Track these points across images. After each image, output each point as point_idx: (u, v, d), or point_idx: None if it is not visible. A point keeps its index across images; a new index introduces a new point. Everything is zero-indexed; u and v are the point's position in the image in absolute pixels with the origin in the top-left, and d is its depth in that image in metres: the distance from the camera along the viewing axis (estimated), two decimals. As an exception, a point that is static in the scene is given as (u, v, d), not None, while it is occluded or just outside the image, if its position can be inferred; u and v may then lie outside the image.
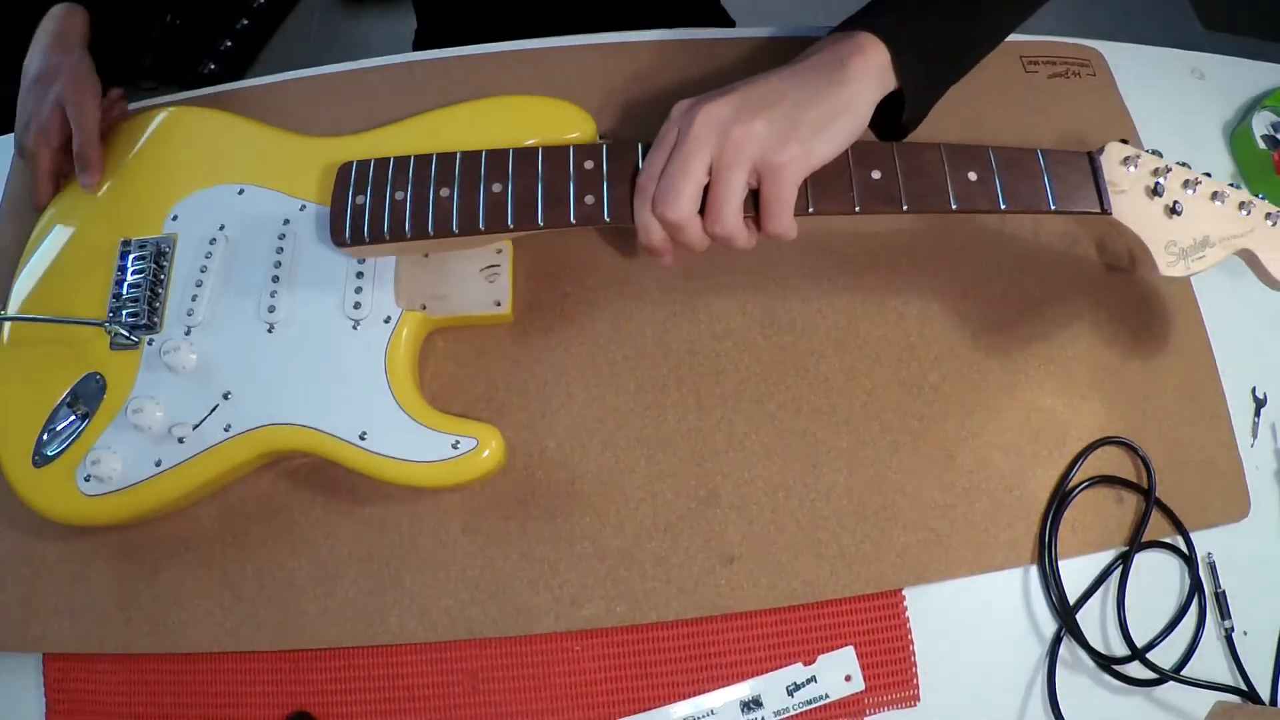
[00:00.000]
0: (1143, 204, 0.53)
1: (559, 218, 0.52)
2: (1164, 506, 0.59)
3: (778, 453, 0.59)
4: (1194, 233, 0.53)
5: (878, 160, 0.52)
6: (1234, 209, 0.53)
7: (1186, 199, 0.53)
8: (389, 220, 0.54)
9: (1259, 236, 0.53)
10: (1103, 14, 1.85)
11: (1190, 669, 0.56)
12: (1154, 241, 0.53)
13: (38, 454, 0.56)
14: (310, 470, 0.58)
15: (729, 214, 0.50)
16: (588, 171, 0.53)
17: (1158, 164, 0.54)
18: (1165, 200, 0.53)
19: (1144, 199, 0.53)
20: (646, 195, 0.51)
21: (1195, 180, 0.53)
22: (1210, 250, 0.53)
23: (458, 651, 0.56)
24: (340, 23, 1.89)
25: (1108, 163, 0.53)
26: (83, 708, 0.55)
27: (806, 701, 0.55)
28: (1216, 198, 0.53)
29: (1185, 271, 0.53)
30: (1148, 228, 0.53)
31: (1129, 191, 0.53)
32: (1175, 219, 0.53)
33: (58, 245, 0.62)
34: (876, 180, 0.51)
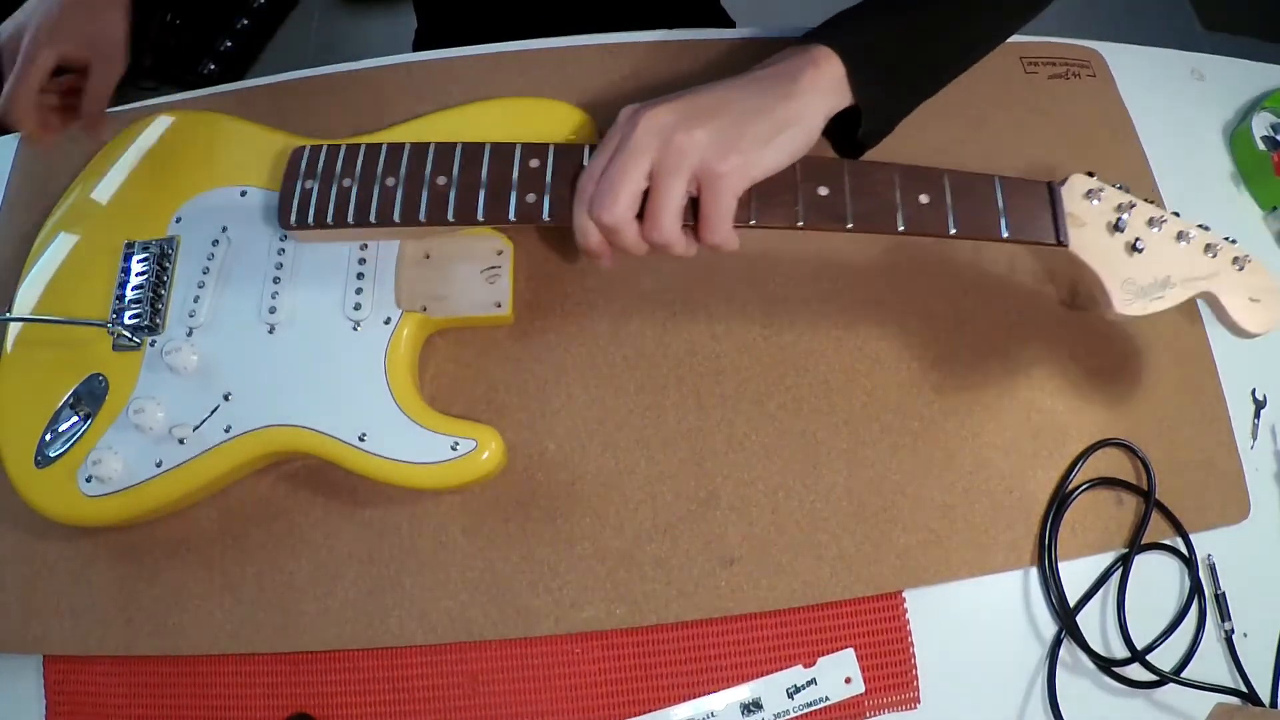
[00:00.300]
0: (1102, 239, 0.52)
1: (499, 213, 0.52)
2: (1164, 508, 0.59)
3: (778, 454, 0.59)
4: (1155, 272, 0.51)
5: (827, 177, 0.51)
6: (1199, 251, 0.52)
7: (1149, 236, 0.51)
8: (334, 206, 0.55)
9: (1223, 281, 0.51)
10: (1103, 14, 1.85)
11: (1190, 671, 0.56)
12: (1110, 278, 0.51)
13: (40, 454, 0.56)
14: (310, 472, 0.59)
15: (666, 221, 0.49)
16: (532, 170, 0.52)
17: (1122, 199, 0.52)
18: (1126, 236, 0.51)
19: (1104, 234, 0.52)
20: (585, 196, 0.50)
21: (1161, 219, 0.52)
22: (1170, 291, 0.51)
23: (458, 653, 0.56)
24: (340, 23, 1.89)
25: (1069, 194, 0.52)
26: (83, 709, 0.55)
27: (807, 704, 0.55)
28: (1182, 238, 0.51)
29: (1141, 311, 0.51)
30: (1105, 263, 0.51)
31: (1089, 225, 0.52)
32: (1136, 256, 0.51)
33: (63, 247, 0.62)
34: (823, 196, 0.50)
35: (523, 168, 0.52)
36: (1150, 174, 0.69)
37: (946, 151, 0.68)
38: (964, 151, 0.69)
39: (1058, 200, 0.52)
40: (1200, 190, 0.70)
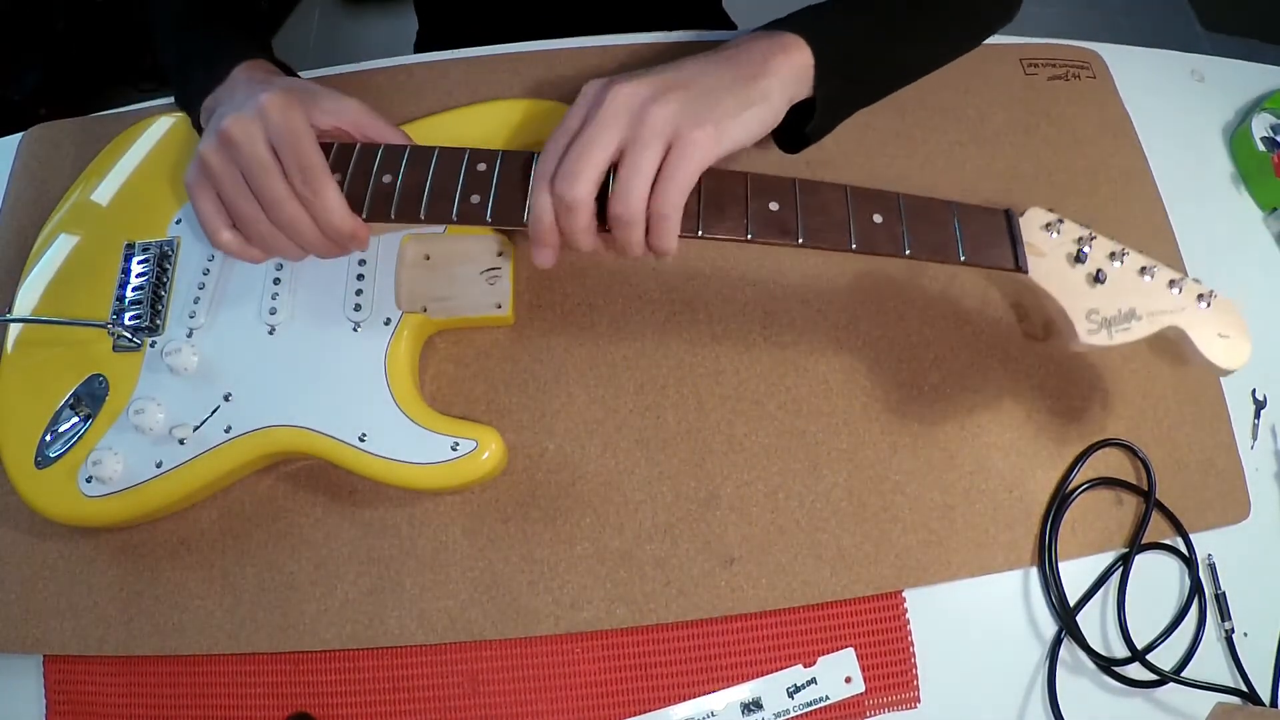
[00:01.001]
0: (1064, 269, 0.51)
1: (441, 213, 0.51)
2: (1164, 508, 0.59)
3: (778, 454, 0.59)
4: (1119, 303, 0.51)
5: (778, 193, 0.50)
6: (1163, 286, 0.51)
7: (1111, 269, 0.51)
8: None
9: (1189, 316, 0.51)
10: (1103, 15, 1.85)
11: (1190, 670, 0.56)
12: (1074, 308, 0.50)
13: (40, 455, 0.56)
14: (311, 472, 0.59)
15: (635, 193, 0.47)
16: (479, 173, 0.51)
17: (1082, 233, 0.52)
18: (1088, 268, 0.51)
19: (1065, 264, 0.51)
20: (546, 173, 0.48)
21: (1122, 252, 0.51)
22: (1136, 324, 0.50)
23: (458, 653, 0.56)
24: (341, 24, 1.89)
25: (1027, 225, 0.52)
26: (83, 709, 0.55)
27: (807, 703, 0.55)
28: (1145, 273, 0.51)
29: (1107, 341, 0.50)
30: (1068, 294, 0.51)
31: (1049, 255, 0.51)
32: (1099, 287, 0.51)
33: (63, 248, 0.62)
34: (774, 211, 0.50)
35: (469, 170, 0.51)
36: (1150, 174, 0.69)
37: (947, 154, 0.69)
38: (963, 154, 0.69)
39: (1015, 227, 0.51)
40: (1200, 191, 0.70)
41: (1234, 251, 0.68)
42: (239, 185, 0.49)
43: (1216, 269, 0.67)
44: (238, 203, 0.49)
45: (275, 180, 0.48)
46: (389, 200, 0.51)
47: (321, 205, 0.49)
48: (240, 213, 0.50)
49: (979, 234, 0.51)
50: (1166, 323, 0.51)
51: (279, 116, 0.48)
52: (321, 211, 0.49)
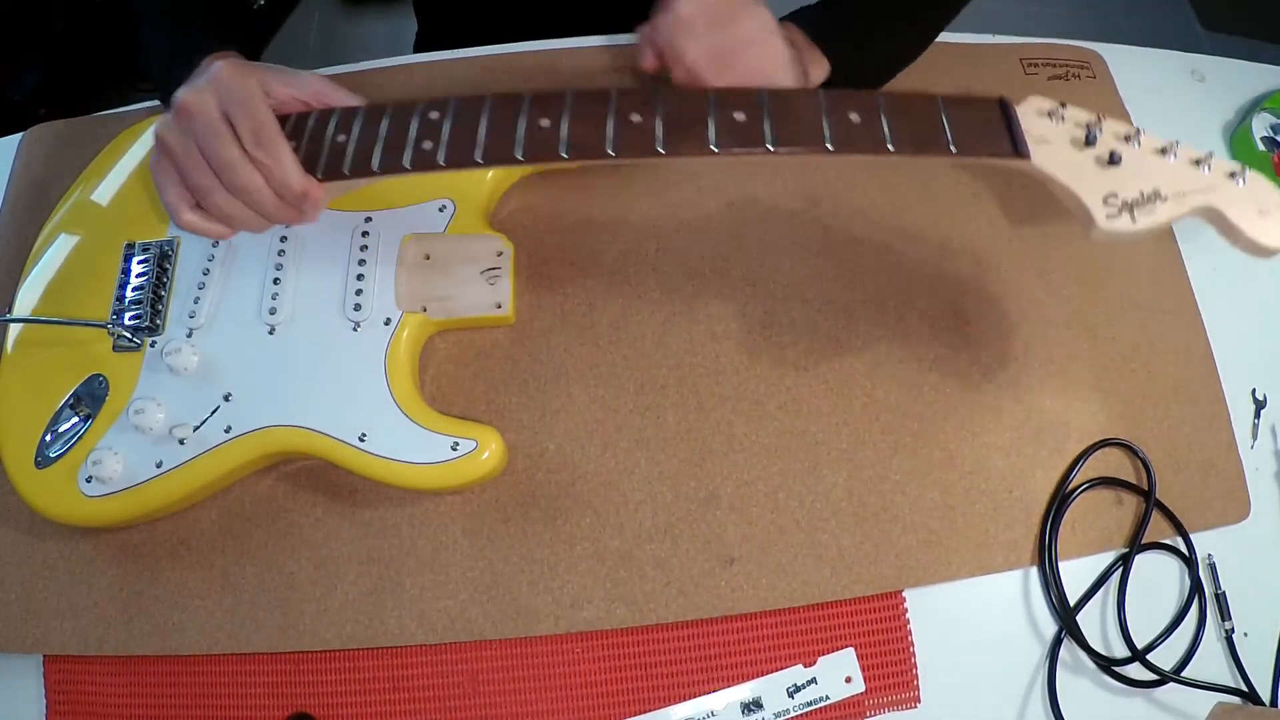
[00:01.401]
0: (1070, 154, 0.47)
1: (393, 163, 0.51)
2: (1164, 508, 0.59)
3: (777, 454, 0.59)
4: (1141, 184, 0.46)
5: (744, 104, 0.48)
6: (1187, 164, 0.47)
7: (1128, 151, 0.47)
8: None
9: (1224, 195, 0.46)
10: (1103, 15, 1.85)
11: (1190, 670, 0.56)
12: (1089, 193, 0.46)
13: (40, 455, 0.56)
14: (311, 472, 0.59)
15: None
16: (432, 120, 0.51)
17: (1089, 117, 0.48)
18: (1099, 150, 0.47)
19: (1072, 149, 0.47)
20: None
21: (1136, 134, 0.47)
22: (1162, 205, 0.45)
23: (458, 653, 0.56)
24: (340, 25, 1.89)
25: (1026, 112, 0.48)
26: (83, 709, 0.55)
27: (807, 703, 0.55)
28: (1166, 153, 0.47)
29: (1130, 227, 0.45)
30: (1080, 179, 0.46)
31: (1054, 142, 0.47)
32: (1113, 169, 0.46)
33: (63, 248, 0.62)
34: (740, 121, 0.48)
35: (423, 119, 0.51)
36: None
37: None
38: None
39: (1012, 115, 0.48)
40: (1200, 190, 0.70)
41: (1234, 251, 0.68)
42: (194, 157, 0.49)
43: (1216, 269, 0.67)
44: (194, 174, 0.49)
45: (228, 143, 0.48)
46: (342, 157, 0.51)
47: (274, 164, 0.48)
48: (197, 185, 0.49)
49: (970, 125, 0.48)
50: (1198, 202, 0.46)
51: (231, 82, 0.48)
52: (274, 170, 0.49)
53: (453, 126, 0.50)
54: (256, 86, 0.48)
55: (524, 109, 0.50)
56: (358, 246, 0.59)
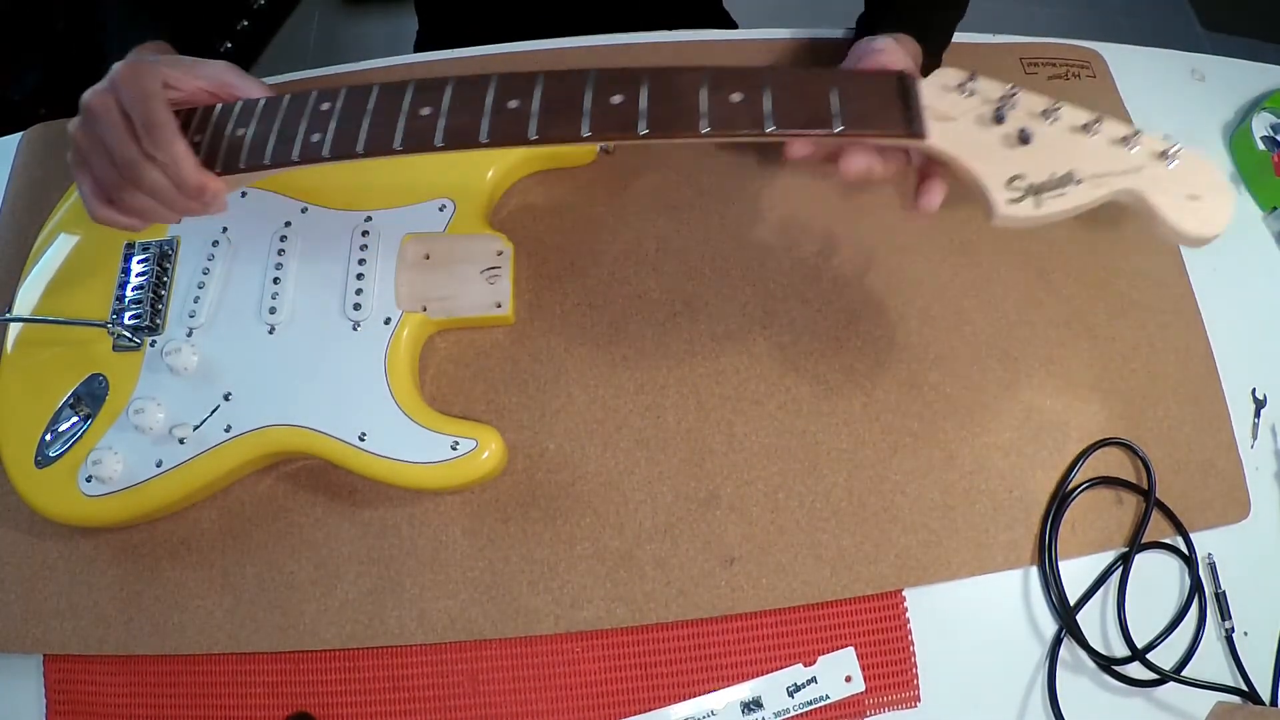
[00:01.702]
0: (975, 132, 0.44)
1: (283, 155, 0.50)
2: (1164, 507, 0.59)
3: (777, 454, 0.59)
4: (1052, 165, 0.42)
5: (624, 85, 0.46)
6: (1110, 143, 0.43)
7: (1042, 128, 0.43)
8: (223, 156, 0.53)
9: (1147, 177, 0.43)
10: (1103, 15, 1.85)
11: (1191, 669, 0.56)
12: (990, 175, 0.43)
13: (40, 454, 0.56)
14: (311, 472, 0.59)
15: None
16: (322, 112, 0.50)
17: (1003, 90, 0.44)
18: (1007, 128, 0.43)
19: (976, 126, 0.44)
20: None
21: (1055, 108, 0.43)
22: (1075, 188, 0.42)
23: (458, 653, 0.56)
24: (341, 24, 1.89)
25: (930, 87, 0.45)
26: (83, 709, 0.55)
27: (807, 702, 0.55)
28: (1088, 129, 0.43)
29: (1033, 212, 0.42)
30: (980, 158, 0.43)
31: (959, 120, 0.44)
32: (1022, 149, 0.43)
33: (64, 248, 0.62)
34: (616, 104, 0.45)
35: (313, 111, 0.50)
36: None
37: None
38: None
39: (911, 92, 0.45)
40: (1200, 190, 0.70)
41: (1234, 251, 0.68)
42: (100, 156, 0.50)
43: (1217, 269, 0.67)
44: (104, 172, 0.50)
45: (127, 143, 0.49)
46: (239, 151, 0.51)
47: (169, 161, 0.49)
48: (107, 181, 0.51)
49: (863, 102, 0.45)
50: (1117, 186, 0.43)
51: (129, 82, 0.49)
52: (170, 167, 0.49)
53: (339, 118, 0.50)
54: (155, 85, 0.49)
55: (407, 98, 0.49)
56: (358, 246, 0.59)
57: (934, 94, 0.45)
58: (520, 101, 0.47)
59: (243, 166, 0.51)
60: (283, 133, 0.50)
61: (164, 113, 0.49)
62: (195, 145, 0.51)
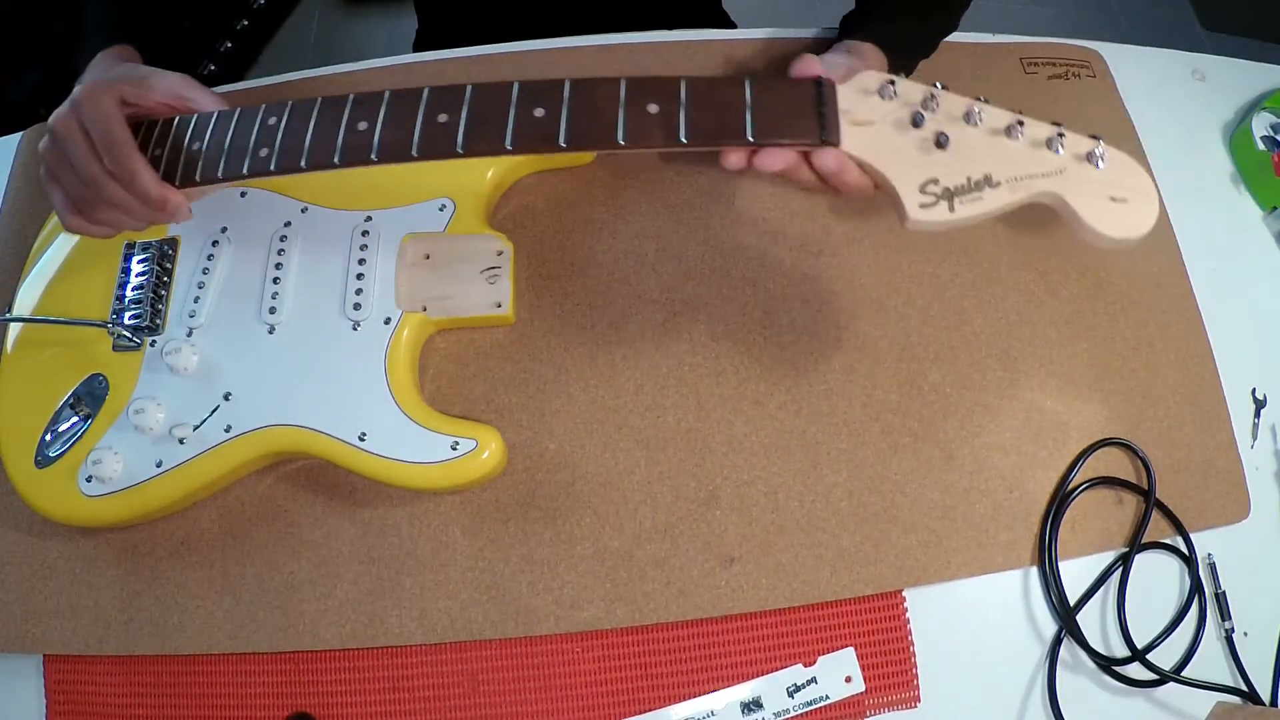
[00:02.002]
0: (890, 135, 0.44)
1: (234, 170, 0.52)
2: (1164, 508, 0.59)
3: (777, 454, 0.59)
4: (969, 170, 0.42)
5: (546, 97, 0.47)
6: (1033, 145, 0.43)
7: (960, 130, 0.43)
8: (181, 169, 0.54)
9: (1071, 179, 0.42)
10: (1102, 15, 1.85)
11: (1190, 670, 0.56)
12: (903, 180, 0.43)
13: (40, 454, 0.56)
14: (311, 472, 0.59)
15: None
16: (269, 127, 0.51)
17: (925, 92, 0.44)
18: (925, 132, 0.43)
19: (893, 132, 0.44)
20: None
21: (977, 112, 0.43)
22: (992, 191, 0.42)
23: (458, 653, 0.56)
24: (340, 24, 1.89)
25: (848, 91, 0.45)
26: (83, 709, 0.55)
27: (807, 703, 0.55)
28: (1011, 132, 0.43)
29: (946, 216, 0.42)
30: (894, 163, 0.43)
31: (877, 123, 0.44)
32: (938, 153, 0.43)
33: (63, 248, 0.62)
34: (538, 117, 0.46)
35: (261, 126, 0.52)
36: (1150, 174, 0.69)
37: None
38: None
39: (826, 98, 0.45)
40: (1200, 190, 0.70)
41: (1234, 251, 0.68)
42: (68, 173, 0.53)
43: (1216, 269, 0.67)
44: (74, 189, 0.53)
45: (90, 162, 0.51)
46: (195, 165, 0.53)
47: (129, 177, 0.52)
48: (77, 197, 0.53)
49: (776, 111, 0.45)
50: (1037, 189, 0.42)
51: (88, 104, 0.51)
52: (131, 184, 0.52)
53: (284, 133, 0.51)
54: (111, 105, 0.52)
55: (346, 112, 0.50)
56: (358, 246, 0.59)
57: (853, 99, 0.45)
58: (449, 115, 0.48)
59: (198, 180, 0.53)
60: (233, 148, 0.52)
61: (122, 132, 0.51)
62: (155, 159, 0.53)
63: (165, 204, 0.53)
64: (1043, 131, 0.43)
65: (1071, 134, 0.43)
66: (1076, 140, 0.43)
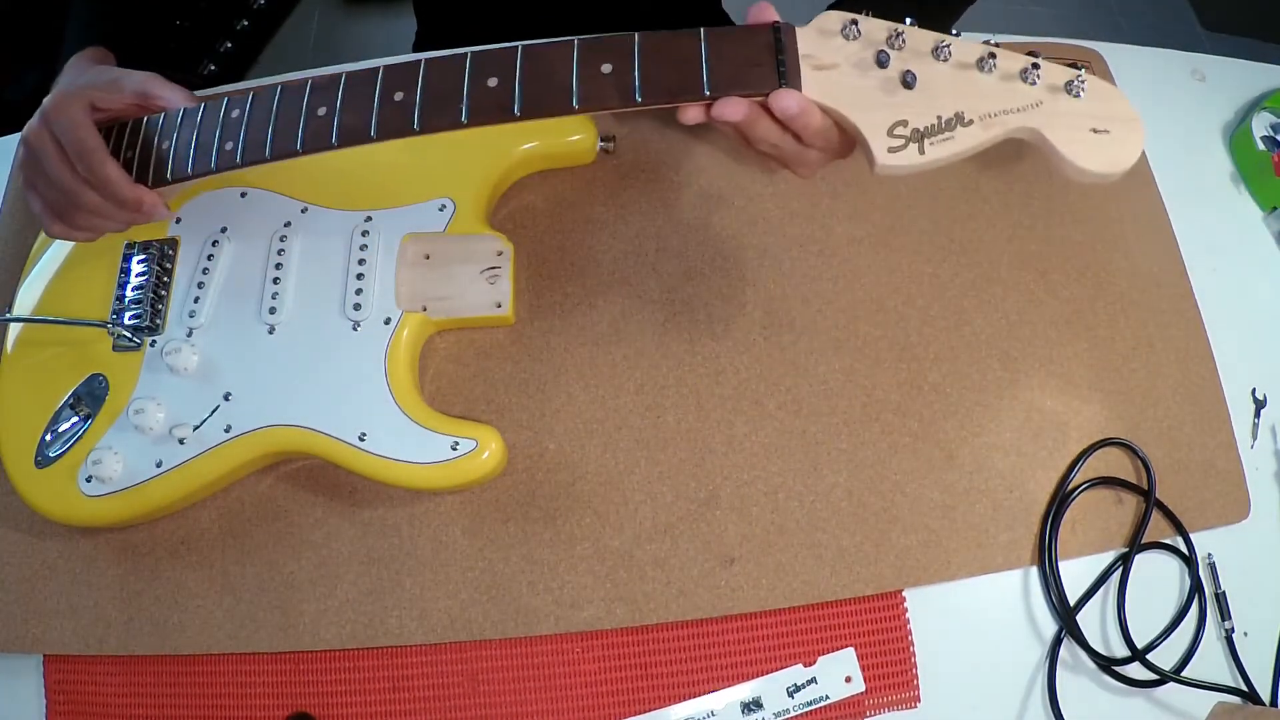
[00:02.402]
0: (853, 78, 0.41)
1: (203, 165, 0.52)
2: (1164, 508, 0.59)
3: (777, 454, 0.59)
4: (938, 108, 0.40)
5: (498, 67, 0.46)
6: (1006, 78, 0.40)
7: (929, 67, 0.41)
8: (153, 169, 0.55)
9: (1046, 111, 0.40)
10: (1103, 15, 1.85)
11: (1190, 670, 0.56)
12: (869, 124, 0.41)
13: (40, 454, 0.56)
14: (311, 472, 0.59)
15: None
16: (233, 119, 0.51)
17: (890, 29, 0.42)
18: (890, 71, 0.41)
19: (857, 73, 0.41)
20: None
21: (944, 45, 0.41)
22: (964, 130, 0.40)
23: (458, 653, 0.56)
24: (340, 24, 1.89)
25: (809, 34, 0.43)
26: (83, 709, 0.55)
27: (807, 703, 0.55)
28: (982, 65, 0.40)
29: (917, 159, 0.40)
30: (859, 106, 0.41)
31: (841, 66, 0.42)
32: (905, 93, 0.40)
33: (64, 248, 0.62)
34: (492, 88, 0.45)
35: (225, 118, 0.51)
36: (1150, 174, 0.69)
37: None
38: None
39: (785, 44, 0.43)
40: (1200, 190, 0.70)
41: (1234, 251, 0.68)
42: (45, 183, 0.54)
43: (1216, 269, 0.67)
44: (50, 197, 0.54)
45: (64, 171, 0.52)
46: (166, 164, 0.53)
47: (103, 183, 0.52)
48: (55, 205, 0.55)
49: (733, 61, 0.43)
50: (1012, 124, 0.40)
51: (57, 115, 0.52)
52: (106, 189, 0.52)
53: (248, 125, 0.51)
54: (80, 112, 0.52)
55: (305, 99, 0.50)
56: (358, 246, 0.59)
57: (812, 41, 0.43)
58: (404, 94, 0.47)
59: (170, 179, 0.53)
60: (200, 143, 0.52)
61: (93, 139, 0.52)
62: (128, 161, 0.53)
63: (141, 204, 0.53)
64: (1016, 64, 0.41)
65: (1048, 64, 0.41)
66: (1054, 70, 0.41)
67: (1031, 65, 0.41)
